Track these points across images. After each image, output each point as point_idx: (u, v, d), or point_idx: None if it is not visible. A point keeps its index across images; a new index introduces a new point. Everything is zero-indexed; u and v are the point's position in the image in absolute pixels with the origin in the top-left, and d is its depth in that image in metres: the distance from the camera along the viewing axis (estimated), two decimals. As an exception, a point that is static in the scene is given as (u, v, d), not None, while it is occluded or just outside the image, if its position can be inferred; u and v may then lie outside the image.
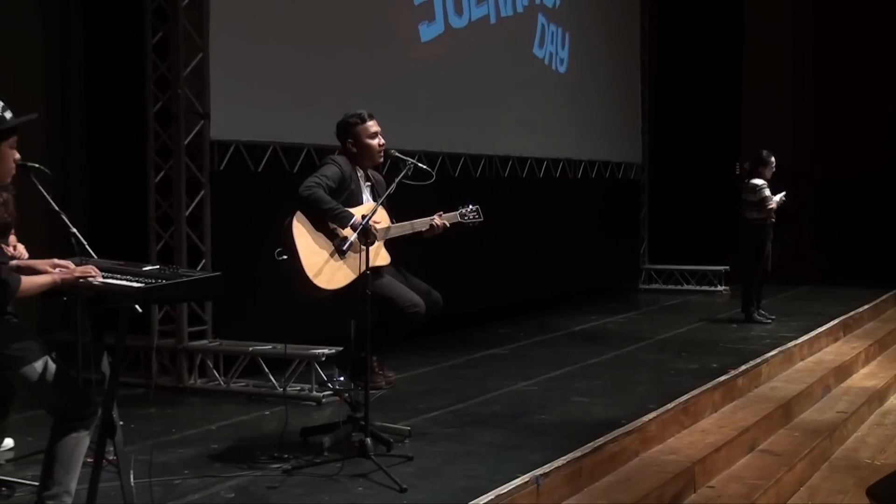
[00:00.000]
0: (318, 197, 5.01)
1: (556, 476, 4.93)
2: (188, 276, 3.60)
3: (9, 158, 3.67)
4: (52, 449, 3.60)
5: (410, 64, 8.82)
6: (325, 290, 4.97)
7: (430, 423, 5.89)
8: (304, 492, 4.61)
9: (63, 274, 3.65)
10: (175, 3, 6.78)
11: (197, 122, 6.91)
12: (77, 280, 3.62)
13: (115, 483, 4.00)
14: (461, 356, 8.11)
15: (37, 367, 3.52)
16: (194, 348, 6.92)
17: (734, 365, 7.56)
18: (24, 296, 3.53)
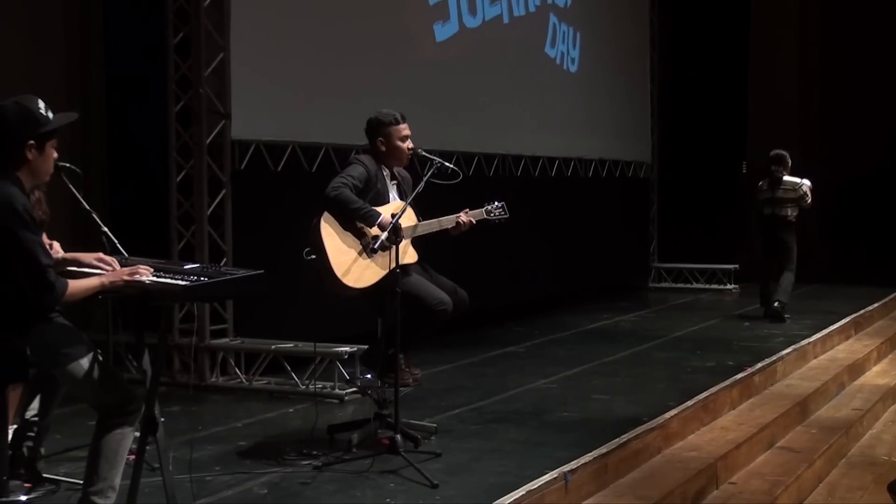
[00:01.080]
0: (346, 197, 5.06)
1: (584, 472, 4.97)
2: (232, 274, 3.64)
3: (51, 158, 3.71)
4: (97, 444, 3.64)
5: (425, 63, 8.87)
6: (354, 288, 5.02)
7: (455, 421, 5.93)
8: (336, 488, 4.65)
9: (111, 276, 3.67)
10: (197, 4, 6.82)
11: (218, 121, 6.96)
12: (124, 283, 3.64)
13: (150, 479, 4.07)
14: (478, 354, 8.15)
15: (83, 364, 3.56)
16: (216, 346, 6.97)
17: (750, 363, 7.60)
18: (71, 300, 3.55)
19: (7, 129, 3.57)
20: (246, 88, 7.01)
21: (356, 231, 5.10)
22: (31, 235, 3.48)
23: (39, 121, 3.63)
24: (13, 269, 3.47)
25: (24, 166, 3.60)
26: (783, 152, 10.19)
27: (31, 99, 3.67)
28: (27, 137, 3.58)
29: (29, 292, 3.48)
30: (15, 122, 3.58)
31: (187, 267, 3.79)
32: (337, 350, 6.58)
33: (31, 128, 3.60)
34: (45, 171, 3.69)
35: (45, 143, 3.65)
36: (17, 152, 3.58)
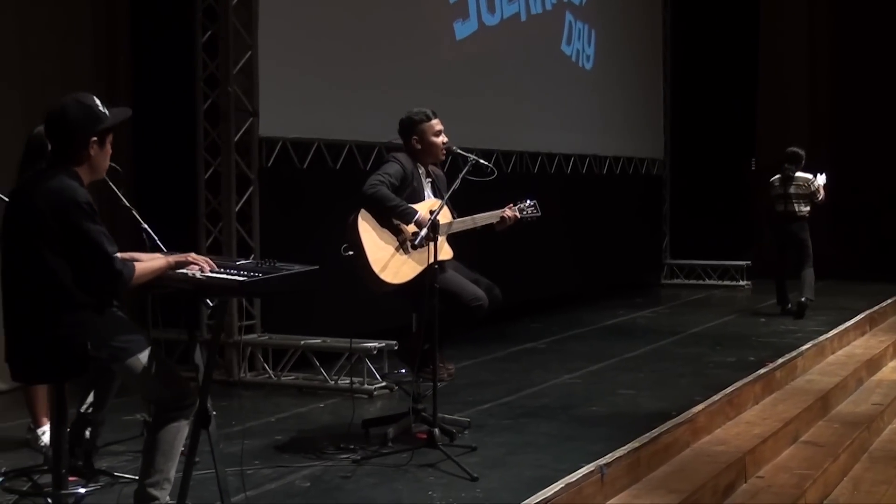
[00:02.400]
0: (383, 194, 5.12)
1: (618, 466, 5.04)
2: (287, 269, 3.69)
3: (108, 154, 3.77)
4: (154, 438, 3.70)
5: (446, 61, 8.93)
6: (391, 284, 5.08)
7: (485, 416, 6.00)
8: (378, 481, 4.72)
9: (176, 257, 3.74)
10: (226, 3, 6.88)
11: (246, 119, 7.01)
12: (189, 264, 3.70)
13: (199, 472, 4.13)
14: (499, 350, 8.22)
15: (141, 358, 3.62)
16: (245, 342, 7.03)
17: (771, 358, 7.66)
18: (139, 282, 3.60)
19: (71, 127, 3.63)
20: (273, 86, 7.07)
21: (393, 228, 5.17)
22: (96, 226, 3.54)
23: (100, 117, 3.69)
24: (76, 263, 3.52)
25: (85, 162, 3.66)
26: (798, 150, 10.27)
27: (88, 96, 3.73)
28: (91, 134, 3.64)
29: (97, 282, 3.54)
30: (78, 119, 3.65)
31: (240, 263, 3.85)
32: (366, 346, 6.64)
33: (93, 124, 3.67)
34: (103, 168, 3.75)
35: (104, 139, 3.71)
36: (81, 149, 3.64)
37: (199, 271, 3.73)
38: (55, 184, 3.58)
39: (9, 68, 6.71)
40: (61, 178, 3.60)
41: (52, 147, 3.72)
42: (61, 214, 3.52)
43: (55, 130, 3.67)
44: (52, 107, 3.72)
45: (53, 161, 3.70)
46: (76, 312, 3.52)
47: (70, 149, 3.65)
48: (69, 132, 3.63)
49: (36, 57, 6.86)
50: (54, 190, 3.56)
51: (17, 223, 3.62)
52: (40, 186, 3.61)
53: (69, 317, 3.51)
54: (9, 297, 3.63)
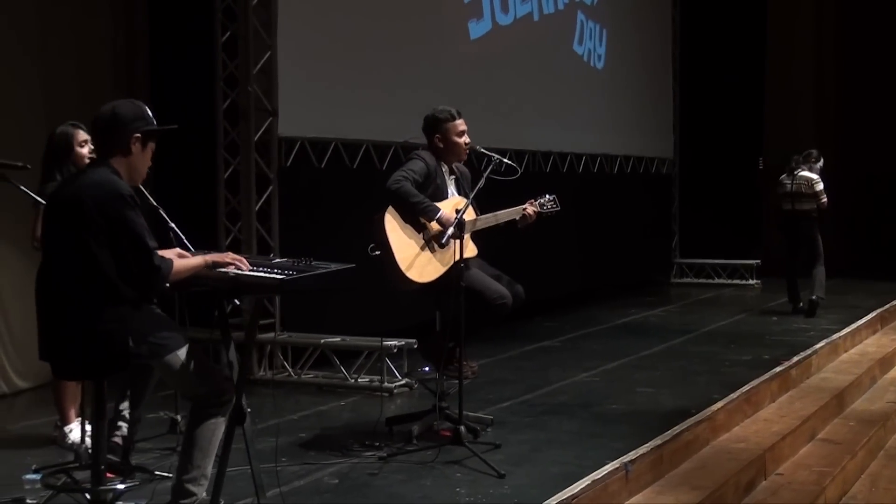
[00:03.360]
0: (406, 190, 5.16)
1: (642, 462, 5.07)
2: (325, 267, 3.73)
3: (148, 159, 3.83)
4: (191, 434, 3.73)
5: (460, 61, 8.96)
6: (417, 282, 5.11)
7: (506, 413, 6.04)
8: (405, 478, 4.75)
9: (213, 256, 3.79)
10: (245, 3, 6.92)
11: (265, 119, 7.05)
12: (226, 264, 3.75)
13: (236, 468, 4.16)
14: (514, 348, 8.25)
15: (180, 355, 3.66)
16: (265, 341, 7.06)
17: (785, 356, 7.70)
18: (176, 279, 3.65)
19: (120, 119, 3.73)
20: (292, 86, 7.11)
21: (417, 225, 5.20)
22: (139, 219, 3.60)
23: (146, 118, 3.78)
24: (117, 255, 3.56)
25: (126, 159, 3.72)
26: (812, 151, 10.33)
27: (140, 102, 3.85)
28: (135, 130, 3.72)
29: (136, 275, 3.58)
30: (126, 114, 3.75)
31: (277, 261, 3.89)
32: (387, 344, 6.67)
33: (141, 122, 3.76)
34: (141, 171, 3.81)
35: (147, 141, 3.76)
36: (124, 142, 3.71)
37: (236, 270, 3.77)
38: (98, 177, 3.65)
39: (30, 67, 6.75)
40: (104, 171, 3.68)
41: (98, 142, 3.80)
42: (105, 206, 3.57)
43: (103, 123, 3.75)
44: (105, 106, 3.80)
45: (97, 155, 3.77)
46: (118, 307, 3.56)
47: (114, 141, 3.72)
48: (116, 125, 3.72)
49: (56, 56, 6.90)
50: (98, 183, 3.62)
51: (61, 217, 3.67)
52: (84, 180, 3.68)
53: (112, 311, 3.55)
54: (52, 293, 3.67)
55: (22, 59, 6.69)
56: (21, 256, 6.46)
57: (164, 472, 4.35)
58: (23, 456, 5.13)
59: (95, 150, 3.81)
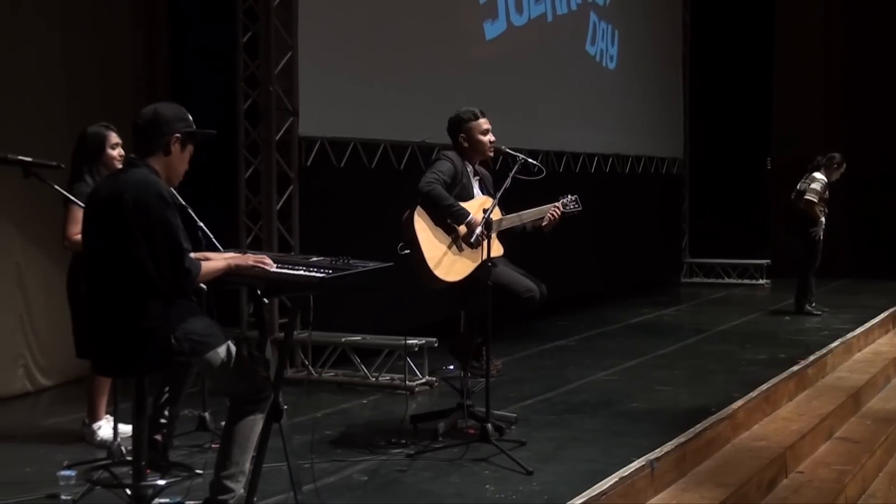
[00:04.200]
0: (438, 193, 5.21)
1: (667, 460, 5.12)
2: (364, 266, 3.77)
3: (186, 162, 3.88)
4: (230, 431, 3.78)
5: (476, 61, 8.99)
6: (446, 281, 5.16)
7: (528, 411, 6.08)
8: (434, 475, 4.80)
9: (237, 259, 3.84)
10: (266, 3, 6.95)
11: (286, 119, 7.09)
12: (251, 266, 3.81)
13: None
14: (531, 347, 8.30)
15: (220, 352, 3.71)
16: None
17: (802, 355, 7.74)
18: (203, 280, 3.71)
19: (162, 120, 3.79)
20: (312, 86, 7.15)
21: (446, 225, 5.25)
22: (175, 221, 3.65)
23: (188, 121, 3.82)
24: (154, 256, 3.61)
25: (166, 159, 3.76)
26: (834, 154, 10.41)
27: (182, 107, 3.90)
28: (176, 130, 3.76)
29: (168, 276, 3.62)
30: (167, 115, 3.82)
31: (313, 259, 3.93)
32: (407, 343, 6.71)
33: (182, 124, 3.83)
34: (178, 173, 3.85)
35: (187, 143, 3.81)
36: (165, 143, 3.76)
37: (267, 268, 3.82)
38: (139, 177, 3.70)
39: (52, 67, 6.79)
40: (144, 172, 3.72)
41: (138, 141, 3.83)
42: (144, 205, 3.62)
43: (145, 123, 3.80)
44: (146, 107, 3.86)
45: (136, 155, 3.80)
46: (160, 305, 3.61)
47: (155, 141, 3.77)
48: (157, 124, 3.78)
49: (79, 57, 6.94)
50: (139, 182, 3.67)
51: (102, 216, 3.71)
52: (124, 179, 3.72)
53: (154, 309, 3.59)
54: (94, 291, 3.71)
55: (47, 60, 6.73)
56: (47, 256, 6.52)
57: (197, 468, 4.38)
58: (53, 453, 5.18)
59: (135, 149, 3.84)
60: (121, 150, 5.38)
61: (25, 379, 6.65)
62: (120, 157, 5.34)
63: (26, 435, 5.63)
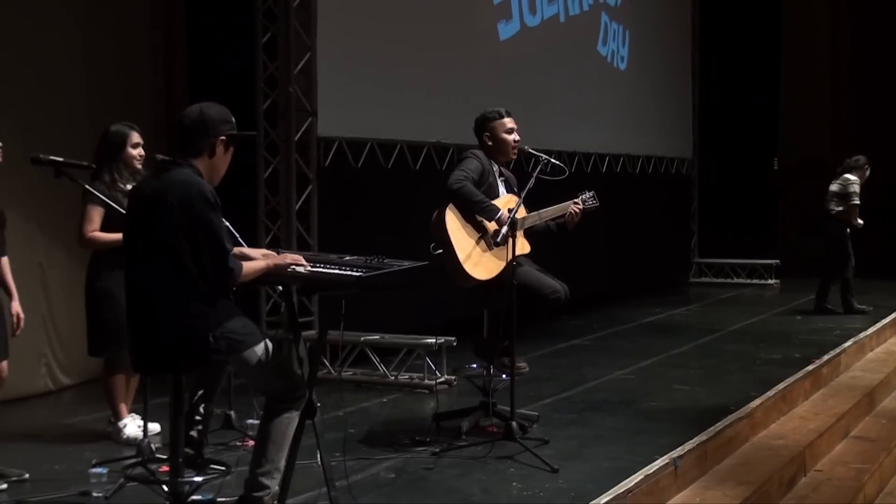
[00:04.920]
0: (469, 190, 5.25)
1: (689, 458, 5.16)
2: (399, 264, 3.81)
3: (226, 163, 3.90)
4: (266, 428, 3.81)
5: (490, 62, 9.04)
6: (477, 279, 5.20)
7: (548, 410, 6.12)
8: (460, 472, 4.84)
9: (276, 260, 3.88)
10: (286, 4, 6.99)
11: (305, 119, 7.13)
12: (287, 267, 3.85)
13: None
14: (546, 346, 8.33)
15: (257, 351, 3.74)
16: (304, 338, 7.12)
17: (816, 355, 7.78)
18: (244, 280, 3.75)
19: (208, 121, 3.80)
20: (330, 87, 7.20)
21: (476, 223, 5.29)
22: (219, 221, 3.69)
23: (232, 123, 3.86)
24: (197, 255, 3.65)
25: (209, 160, 3.79)
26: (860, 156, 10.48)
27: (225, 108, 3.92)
28: (220, 133, 3.79)
29: (212, 275, 3.66)
30: (212, 116, 3.83)
31: (347, 259, 3.97)
32: (427, 342, 6.76)
33: (227, 126, 3.85)
34: (220, 173, 3.88)
35: (230, 144, 3.84)
36: (209, 144, 3.79)
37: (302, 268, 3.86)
38: (183, 177, 3.72)
39: (74, 68, 6.83)
40: (188, 172, 3.75)
41: (182, 142, 3.84)
42: (188, 205, 3.64)
43: (191, 123, 3.81)
44: (190, 107, 3.88)
45: (178, 155, 3.83)
46: (199, 303, 3.64)
47: (200, 142, 3.78)
48: (202, 125, 3.79)
49: (99, 55, 6.98)
50: (182, 182, 3.70)
51: (144, 215, 3.74)
52: (167, 179, 3.73)
53: (193, 307, 3.63)
54: (135, 289, 3.75)
55: (69, 59, 6.78)
56: (69, 255, 6.56)
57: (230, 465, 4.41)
58: (80, 450, 5.22)
59: (178, 149, 3.85)
60: (141, 150, 5.41)
61: (48, 378, 6.70)
62: (140, 157, 5.37)
63: (52, 433, 5.67)
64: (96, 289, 5.17)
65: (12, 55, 6.33)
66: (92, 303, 5.20)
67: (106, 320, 5.12)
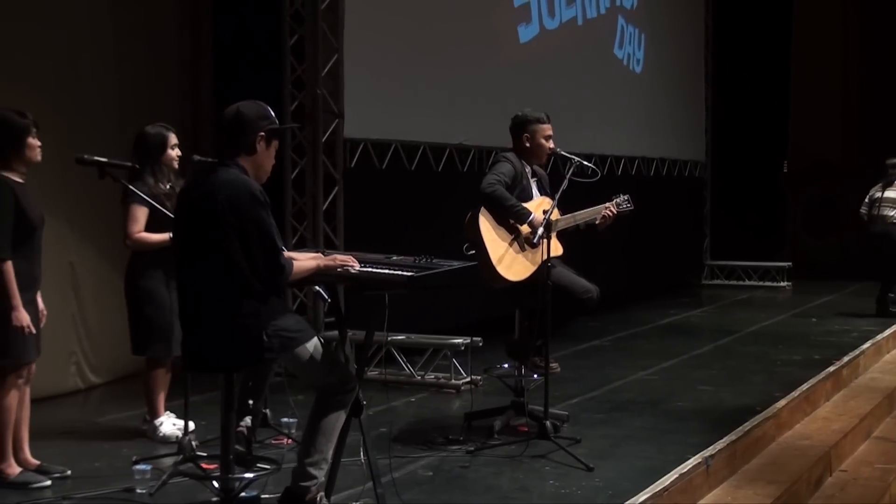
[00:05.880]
0: (501, 194, 5.30)
1: (720, 457, 5.22)
2: (449, 264, 3.87)
3: (272, 158, 3.94)
4: (317, 421, 3.87)
5: (510, 65, 9.09)
6: (509, 280, 5.26)
7: (576, 410, 6.17)
8: (496, 471, 4.89)
9: (325, 260, 3.94)
10: (314, 6, 7.05)
11: (332, 121, 7.19)
12: (336, 267, 3.91)
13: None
14: (567, 347, 8.36)
15: (309, 347, 3.80)
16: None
17: (835, 356, 7.84)
18: (294, 279, 3.81)
19: (246, 119, 3.84)
20: (356, 89, 7.25)
21: (508, 226, 5.34)
22: (269, 219, 3.74)
23: (271, 118, 3.90)
24: (249, 254, 3.70)
25: (251, 158, 3.84)
26: None
27: (263, 103, 3.94)
28: (260, 129, 3.84)
29: (264, 273, 3.72)
30: (251, 114, 3.87)
31: (395, 259, 4.02)
32: (453, 342, 6.81)
33: (265, 122, 3.88)
34: (266, 170, 3.92)
35: (271, 140, 3.89)
36: (250, 141, 3.83)
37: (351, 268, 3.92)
38: (230, 177, 3.77)
39: (105, 71, 6.89)
40: (235, 172, 3.80)
41: (222, 142, 3.90)
42: (238, 205, 3.70)
43: (229, 123, 3.85)
44: (229, 107, 3.91)
45: (222, 156, 3.88)
46: (252, 302, 3.69)
47: (239, 141, 3.83)
48: (241, 124, 3.83)
49: (128, 59, 7.04)
50: (231, 183, 3.75)
51: (194, 216, 3.79)
52: (216, 180, 3.79)
53: (246, 306, 3.68)
54: (187, 288, 3.81)
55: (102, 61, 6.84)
56: (99, 255, 6.62)
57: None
58: (118, 448, 5.27)
59: (220, 150, 3.90)
60: (178, 150, 5.48)
61: (77, 377, 6.75)
62: (177, 158, 5.44)
63: (87, 431, 5.71)
64: (138, 288, 5.23)
65: (46, 59, 6.39)
66: (134, 302, 5.26)
67: (148, 318, 5.19)
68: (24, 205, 4.50)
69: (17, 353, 4.54)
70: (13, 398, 4.57)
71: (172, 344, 5.18)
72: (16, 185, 4.53)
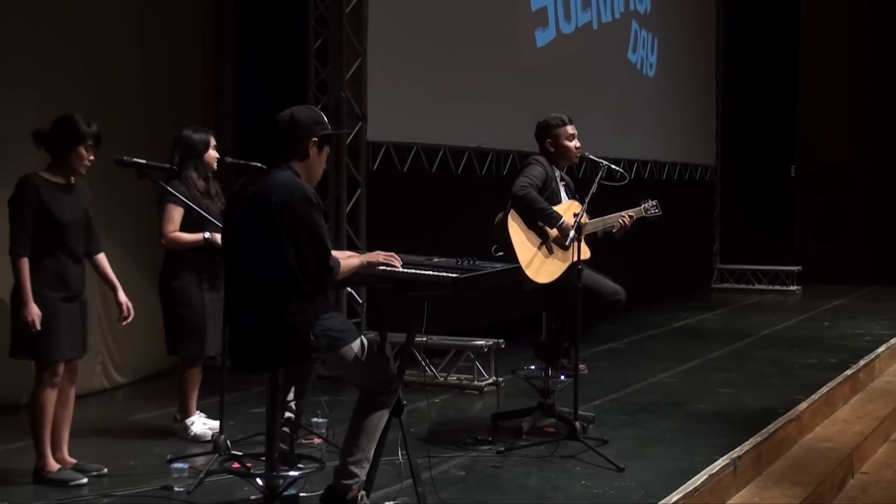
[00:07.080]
0: (533, 197, 5.37)
1: (746, 459, 5.28)
2: (492, 266, 3.93)
3: (324, 162, 4.01)
4: (359, 421, 3.92)
5: (527, 69, 9.15)
6: (538, 282, 5.32)
7: (600, 411, 6.23)
8: (527, 471, 4.95)
9: (369, 257, 4.00)
10: (339, 10, 7.11)
11: (355, 124, 7.24)
12: (380, 264, 3.96)
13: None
14: (583, 350, 8.26)
15: (354, 347, 3.86)
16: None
17: (851, 360, 7.89)
18: (340, 278, 3.87)
19: (297, 124, 3.91)
20: (379, 92, 7.31)
21: (538, 229, 5.40)
22: (321, 221, 3.81)
23: (324, 124, 3.96)
24: (299, 253, 3.75)
25: (304, 162, 3.90)
26: None
27: (315, 109, 4.01)
28: (313, 134, 3.90)
29: (313, 274, 3.77)
30: (304, 119, 3.94)
31: (437, 261, 4.08)
32: (476, 343, 6.87)
33: (318, 127, 3.95)
34: (317, 174, 3.99)
35: (324, 144, 3.95)
36: (303, 146, 3.89)
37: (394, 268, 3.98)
38: (284, 178, 3.84)
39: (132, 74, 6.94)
40: (288, 174, 3.86)
41: (276, 145, 3.94)
42: (291, 206, 3.76)
43: (283, 128, 3.92)
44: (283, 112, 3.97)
45: (275, 159, 3.93)
46: (300, 301, 3.75)
47: (293, 145, 3.89)
48: (295, 128, 3.90)
49: (152, 63, 7.09)
50: (285, 185, 3.81)
51: (246, 216, 3.85)
52: (269, 181, 3.85)
53: (296, 305, 3.74)
54: (235, 288, 3.86)
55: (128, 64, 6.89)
56: (126, 254, 6.66)
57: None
58: (150, 447, 5.33)
59: (273, 153, 3.96)
60: (216, 151, 5.56)
61: (103, 376, 6.79)
62: (216, 159, 5.51)
63: (117, 430, 5.76)
64: (174, 288, 5.29)
65: (75, 61, 6.44)
66: (169, 302, 5.31)
67: (183, 318, 5.25)
68: (48, 202, 4.54)
69: (45, 351, 4.58)
70: (48, 396, 4.62)
71: (206, 344, 5.24)
72: (45, 183, 4.57)
